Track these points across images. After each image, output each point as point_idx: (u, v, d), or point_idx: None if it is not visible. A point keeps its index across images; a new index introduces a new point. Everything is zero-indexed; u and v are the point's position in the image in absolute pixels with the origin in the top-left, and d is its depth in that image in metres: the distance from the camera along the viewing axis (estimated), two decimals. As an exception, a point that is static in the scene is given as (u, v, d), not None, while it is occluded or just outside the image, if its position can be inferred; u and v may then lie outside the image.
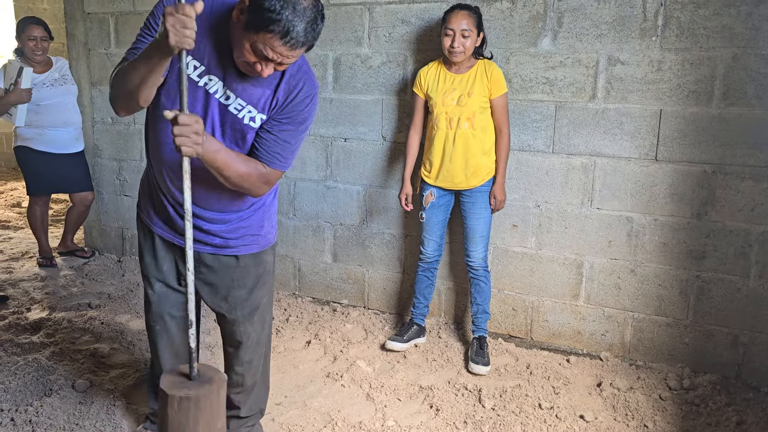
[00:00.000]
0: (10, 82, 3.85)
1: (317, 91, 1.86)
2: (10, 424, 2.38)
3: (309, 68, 1.86)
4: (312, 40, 1.64)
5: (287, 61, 1.65)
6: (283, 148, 1.83)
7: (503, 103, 2.92)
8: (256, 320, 2.11)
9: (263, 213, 2.03)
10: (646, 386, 2.81)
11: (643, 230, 2.93)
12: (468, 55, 2.87)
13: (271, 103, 1.79)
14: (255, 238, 2.02)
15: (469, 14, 2.83)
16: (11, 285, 3.87)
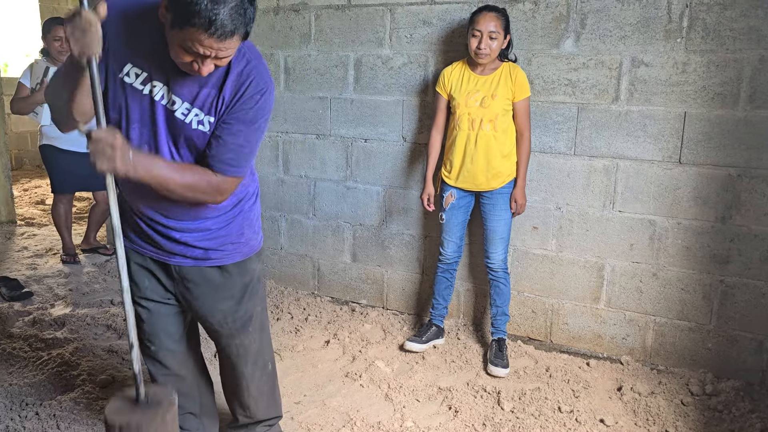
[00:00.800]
0: (36, 82, 3.92)
1: (270, 87, 1.70)
2: (35, 417, 2.42)
3: (260, 63, 1.70)
4: (242, 26, 1.49)
5: (223, 53, 1.51)
6: (235, 153, 1.68)
7: (526, 107, 2.91)
8: (251, 331, 2.00)
9: (242, 220, 1.90)
10: (668, 391, 2.78)
11: (666, 234, 2.90)
12: (494, 57, 2.86)
13: (218, 103, 1.65)
14: (236, 246, 1.90)
15: (497, 16, 2.81)
16: (36, 281, 3.94)
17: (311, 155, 3.69)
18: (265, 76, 1.69)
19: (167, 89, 1.64)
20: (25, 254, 4.50)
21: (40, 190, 6.62)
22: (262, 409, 2.16)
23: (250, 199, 1.93)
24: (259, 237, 2.00)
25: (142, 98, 1.65)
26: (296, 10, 3.56)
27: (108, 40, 1.58)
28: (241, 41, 1.53)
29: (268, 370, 2.12)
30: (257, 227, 1.99)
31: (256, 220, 1.98)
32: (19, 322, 3.31)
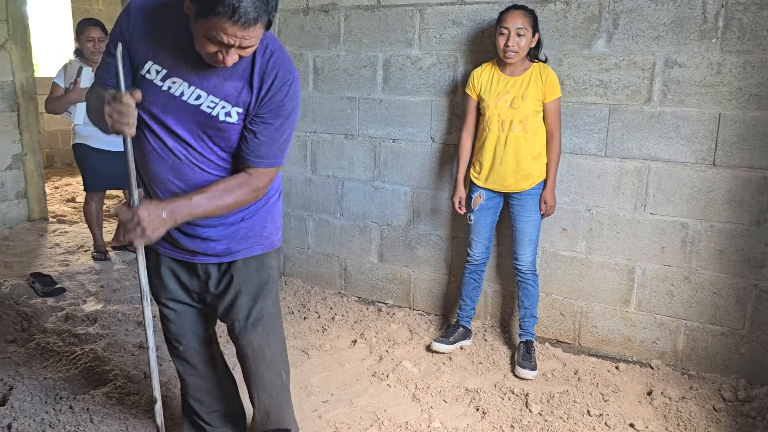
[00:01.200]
0: (70, 82, 3.99)
1: (296, 77, 1.73)
2: (68, 411, 2.46)
3: (283, 54, 1.72)
4: (265, 14, 1.51)
5: (246, 42, 1.53)
6: (269, 146, 1.73)
7: (556, 108, 2.88)
8: (260, 332, 1.96)
9: (266, 213, 1.92)
10: (699, 396, 2.74)
11: (699, 237, 2.86)
12: (522, 56, 2.84)
13: (249, 94, 1.68)
14: (257, 240, 1.91)
15: (524, 14, 2.81)
16: (68, 277, 4.01)
17: (339, 155, 3.71)
18: (290, 66, 1.71)
19: (188, 84, 1.67)
20: (57, 251, 4.58)
21: (71, 187, 6.73)
22: (274, 416, 2.09)
23: (274, 195, 1.96)
24: (279, 233, 2.01)
25: (162, 94, 1.68)
26: (325, 10, 3.58)
27: (130, 38, 1.67)
28: (264, 30, 1.56)
29: (282, 378, 2.06)
30: (279, 223, 2.00)
31: (278, 216, 1.99)
32: (53, 317, 3.38)
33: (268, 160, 1.74)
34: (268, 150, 1.73)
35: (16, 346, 2.99)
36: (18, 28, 4.99)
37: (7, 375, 2.69)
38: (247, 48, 1.57)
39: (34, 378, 2.68)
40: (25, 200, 5.22)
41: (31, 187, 5.23)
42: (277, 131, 1.72)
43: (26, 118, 5.11)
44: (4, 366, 2.78)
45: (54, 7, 9.66)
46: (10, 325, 3.21)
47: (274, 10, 1.55)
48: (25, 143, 5.14)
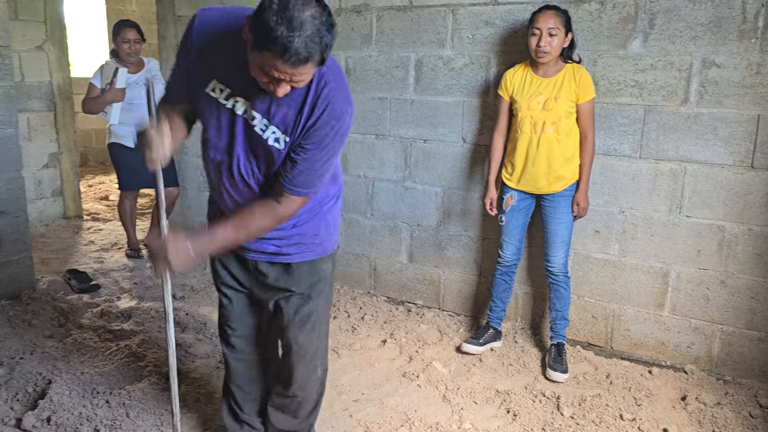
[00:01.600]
0: (106, 83, 4.06)
1: (347, 111, 1.71)
2: (105, 405, 2.51)
3: (339, 85, 1.71)
4: (317, 54, 1.50)
5: (297, 78, 1.53)
6: (306, 176, 1.74)
7: (590, 109, 2.85)
8: (307, 329, 2.01)
9: (319, 221, 1.95)
10: (735, 402, 2.70)
11: (736, 240, 2.81)
12: (555, 56, 2.82)
13: (295, 122, 1.69)
14: (309, 246, 1.95)
15: (556, 14, 2.79)
16: (102, 274, 4.09)
17: (370, 155, 3.72)
18: (342, 100, 1.70)
19: (248, 104, 1.71)
20: (91, 248, 4.67)
21: (104, 186, 6.86)
22: (304, 414, 2.15)
23: (329, 202, 1.97)
24: (333, 239, 2.03)
25: (225, 111, 1.74)
26: (358, 11, 3.60)
27: (196, 57, 1.73)
28: (317, 66, 1.56)
29: (318, 374, 2.11)
30: (333, 229, 2.02)
31: (333, 222, 2.01)
32: (88, 313, 3.45)
33: (303, 189, 1.76)
34: (304, 180, 1.74)
35: (54, 341, 3.06)
36: (55, 30, 5.10)
37: (46, 369, 2.75)
38: (299, 82, 1.58)
39: (71, 372, 2.73)
40: (60, 198, 5.34)
41: (66, 185, 5.34)
42: (317, 163, 1.73)
43: (62, 118, 5.22)
44: (43, 360, 2.85)
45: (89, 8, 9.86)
46: (47, 321, 3.28)
47: (327, 48, 1.53)
48: (62, 142, 5.25)
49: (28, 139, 5.00)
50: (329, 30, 1.52)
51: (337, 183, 2.01)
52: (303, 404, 2.13)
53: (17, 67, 4.86)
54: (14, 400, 2.54)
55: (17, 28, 4.84)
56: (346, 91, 1.74)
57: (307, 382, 2.09)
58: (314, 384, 2.11)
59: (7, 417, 2.42)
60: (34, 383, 2.65)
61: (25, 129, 4.98)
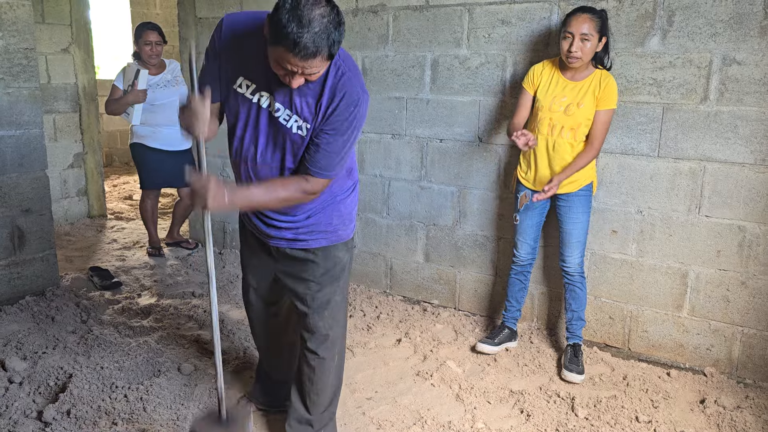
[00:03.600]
0: (128, 84, 4.14)
1: (363, 98, 1.84)
2: (123, 399, 2.56)
3: (354, 75, 1.85)
4: (325, 48, 1.64)
5: (309, 71, 1.68)
6: (327, 159, 1.88)
7: (606, 119, 2.76)
8: (326, 315, 2.14)
9: (332, 210, 2.09)
10: (756, 406, 2.65)
11: (757, 240, 2.76)
12: (586, 61, 2.74)
13: (315, 111, 1.84)
14: (324, 234, 2.09)
15: (591, 17, 2.68)
16: (124, 272, 4.16)
17: (386, 155, 3.73)
18: (357, 88, 1.84)
19: (272, 98, 1.87)
20: (114, 246, 4.76)
21: (128, 186, 6.97)
22: (322, 402, 2.25)
23: (344, 194, 2.11)
24: (349, 228, 2.16)
25: (251, 105, 1.90)
26: (374, 11, 3.61)
27: (223, 56, 1.89)
28: (326, 61, 1.69)
29: (335, 362, 2.22)
30: (348, 219, 2.15)
31: (347, 213, 2.14)
32: (110, 309, 3.51)
33: (325, 171, 1.91)
34: (326, 162, 1.89)
35: (76, 337, 3.12)
36: (81, 32, 5.21)
37: (67, 363, 2.81)
38: (312, 75, 1.72)
39: (91, 367, 2.79)
40: (85, 197, 5.44)
41: (91, 184, 5.44)
42: (338, 146, 1.87)
43: (87, 119, 5.32)
44: (65, 355, 2.91)
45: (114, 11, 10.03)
46: (70, 317, 3.35)
47: (336, 44, 1.67)
48: (86, 143, 5.36)
49: (54, 140, 5.11)
50: (337, 27, 1.65)
51: (351, 177, 2.15)
52: (321, 394, 2.23)
53: (44, 70, 4.97)
54: (36, 393, 2.60)
55: (44, 31, 4.95)
56: (361, 81, 1.87)
57: (325, 369, 2.20)
58: (331, 371, 2.22)
59: (29, 409, 2.48)
60: (56, 377, 2.70)
61: (51, 130, 5.09)
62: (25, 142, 3.52)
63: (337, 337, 2.20)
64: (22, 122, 3.49)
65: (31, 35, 3.51)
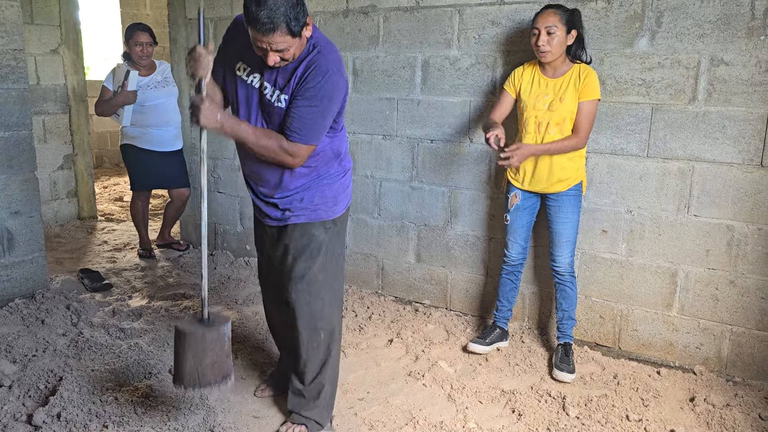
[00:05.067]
0: (118, 85, 4.12)
1: (332, 70, 2.04)
2: (114, 402, 2.55)
3: (328, 51, 2.08)
4: (282, 23, 1.90)
5: (276, 47, 1.95)
6: (299, 123, 2.07)
7: (590, 110, 2.78)
8: (300, 289, 2.29)
9: (316, 190, 2.27)
10: (745, 404, 2.67)
11: (746, 240, 2.78)
12: (557, 55, 2.80)
13: (290, 82, 2.07)
14: (304, 212, 2.27)
15: (555, 11, 2.76)
16: (115, 274, 4.14)
17: (377, 155, 3.73)
18: (328, 62, 2.06)
19: (261, 78, 2.13)
20: (105, 248, 4.74)
21: (119, 187, 6.95)
22: (309, 374, 2.38)
23: (328, 178, 2.29)
24: (331, 210, 2.31)
25: (247, 87, 2.17)
26: (365, 12, 3.61)
27: (230, 46, 2.20)
28: (289, 36, 1.95)
29: (320, 336, 2.34)
30: (331, 201, 2.30)
31: (332, 196, 2.30)
32: (100, 312, 3.49)
33: (297, 135, 2.09)
34: (299, 126, 2.08)
35: (66, 339, 3.11)
36: (70, 33, 5.19)
37: (57, 366, 2.80)
38: (282, 51, 1.98)
39: (82, 370, 2.78)
40: (75, 199, 5.42)
41: (81, 186, 5.42)
42: (308, 113, 2.07)
43: (77, 120, 5.30)
44: (55, 358, 2.90)
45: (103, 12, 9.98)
46: (60, 319, 3.33)
47: (292, 20, 1.93)
48: (76, 144, 5.33)
49: (43, 141, 5.08)
50: (293, 6, 1.93)
51: (341, 165, 2.33)
52: (307, 365, 2.37)
53: (33, 71, 4.94)
54: (26, 397, 2.58)
55: (33, 32, 4.92)
56: (336, 61, 2.09)
57: (309, 342, 2.33)
58: (316, 345, 2.34)
59: (19, 413, 2.46)
60: (46, 380, 2.69)
61: (41, 131, 5.06)
62: (14, 143, 3.50)
63: (316, 311, 2.31)
64: (10, 124, 3.47)
65: (19, 36, 3.49)
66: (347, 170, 2.36)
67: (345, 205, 2.38)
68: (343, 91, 2.12)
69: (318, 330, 2.33)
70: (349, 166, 2.38)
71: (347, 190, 2.38)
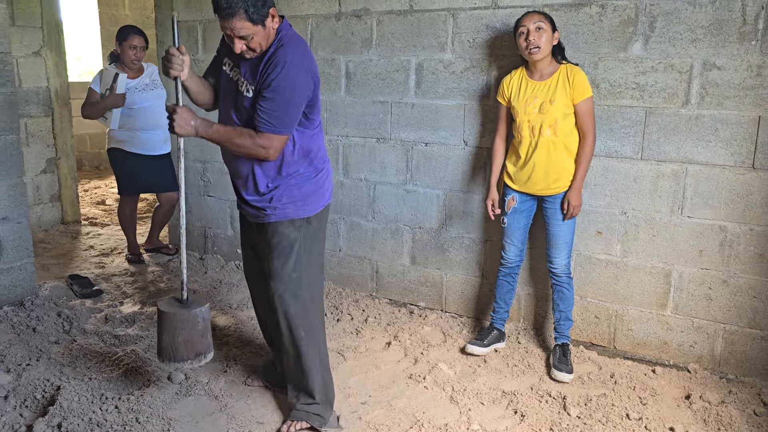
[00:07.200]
0: (106, 88, 4.06)
1: (289, 62, 2.15)
2: (114, 411, 2.51)
3: (291, 46, 2.20)
4: (241, 8, 2.05)
5: (238, 33, 2.10)
6: (266, 114, 2.18)
7: (587, 108, 2.85)
8: (276, 287, 2.38)
9: (284, 189, 2.35)
10: (739, 401, 2.73)
11: (738, 240, 2.85)
12: (547, 53, 2.84)
13: (256, 75, 2.20)
14: (273, 210, 2.35)
15: (539, 12, 2.87)
16: (104, 279, 4.08)
17: (371, 159, 3.74)
18: (287, 54, 2.17)
19: (238, 70, 2.28)
20: (91, 253, 4.66)
21: (100, 190, 6.84)
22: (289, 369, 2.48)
23: (297, 177, 2.36)
24: (301, 210, 2.38)
25: (229, 80, 2.33)
26: (358, 15, 3.61)
27: (223, 47, 2.37)
28: (249, 22, 2.08)
29: (299, 333, 2.40)
30: (301, 202, 2.37)
31: (301, 196, 2.37)
32: (92, 318, 3.44)
33: (264, 125, 2.19)
34: (266, 117, 2.18)
35: (60, 347, 3.06)
36: (52, 35, 5.09)
37: (53, 375, 2.75)
38: (245, 38, 2.12)
39: (79, 378, 2.74)
40: (58, 203, 5.32)
41: (64, 190, 5.33)
42: (270, 104, 2.17)
43: (60, 123, 5.21)
44: (50, 366, 2.85)
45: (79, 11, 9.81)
46: (52, 327, 3.28)
47: (251, 6, 2.06)
48: (59, 147, 5.24)
49: (26, 145, 4.98)
50: None
51: (311, 165, 2.39)
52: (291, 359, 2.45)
53: (15, 73, 4.83)
54: (23, 407, 2.54)
55: (14, 33, 4.82)
56: (298, 55, 2.20)
57: (289, 338, 2.42)
58: (296, 341, 2.41)
59: (17, 424, 2.42)
60: (42, 389, 2.64)
61: (23, 135, 4.96)
62: (1, 148, 3.43)
63: (291, 310, 2.38)
64: (-2, 128, 3.40)
65: (5, 39, 3.42)
66: (320, 170, 2.43)
67: (320, 204, 2.44)
68: (307, 84, 2.21)
69: (297, 327, 2.41)
70: (322, 166, 2.44)
71: (321, 190, 2.43)
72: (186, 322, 2.34)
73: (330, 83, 3.78)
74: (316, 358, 2.45)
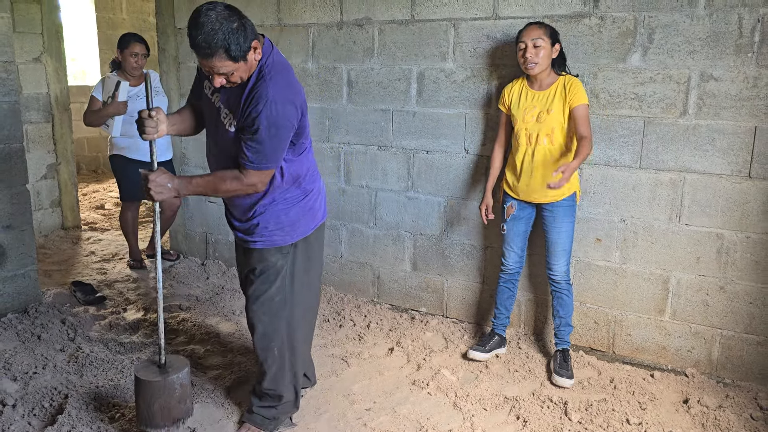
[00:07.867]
0: (108, 95, 4.08)
1: (277, 97, 2.06)
2: (123, 419, 2.54)
3: (274, 80, 2.09)
4: (221, 48, 1.94)
5: (218, 70, 2.00)
6: (251, 151, 2.11)
7: (583, 114, 2.84)
8: (255, 309, 2.40)
9: (269, 216, 2.32)
10: (736, 405, 2.79)
11: (734, 247, 2.90)
12: (544, 67, 2.89)
13: (238, 108, 2.13)
14: (260, 237, 2.34)
15: (538, 26, 2.90)
16: (107, 286, 4.10)
17: (372, 166, 3.78)
18: (268, 90, 2.07)
19: (219, 98, 2.21)
20: (93, 259, 4.68)
21: (98, 194, 6.85)
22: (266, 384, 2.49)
23: (284, 203, 2.33)
24: (288, 236, 2.36)
25: (212, 105, 2.25)
26: (360, 24, 3.65)
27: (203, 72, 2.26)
28: (230, 61, 1.99)
29: (274, 353, 2.44)
30: (288, 227, 2.35)
31: (288, 222, 2.35)
32: (96, 326, 3.47)
33: (251, 163, 2.14)
34: (252, 155, 2.12)
35: (65, 355, 3.08)
36: (52, 41, 5.11)
37: (60, 383, 2.78)
38: (226, 74, 2.03)
39: (86, 387, 2.76)
40: (59, 209, 5.34)
41: (64, 195, 5.34)
42: (256, 141, 2.10)
43: (60, 129, 5.22)
44: (56, 374, 2.87)
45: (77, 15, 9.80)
46: (57, 334, 3.30)
47: (232, 44, 1.95)
48: (59, 153, 5.25)
49: (27, 151, 4.98)
50: (233, 31, 1.95)
51: (300, 188, 2.36)
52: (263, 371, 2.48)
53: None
54: (31, 416, 2.56)
55: (15, 40, 4.82)
56: (282, 87, 2.10)
57: (264, 354, 2.44)
58: (270, 361, 2.44)
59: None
60: (50, 398, 2.67)
61: (24, 141, 4.96)
62: (6, 156, 3.45)
63: (270, 327, 2.41)
64: (2, 137, 3.42)
65: (10, 48, 3.44)
66: (309, 191, 2.39)
67: (310, 227, 2.42)
68: (293, 116, 2.12)
69: (272, 347, 2.43)
70: (311, 186, 2.40)
71: (312, 212, 2.40)
72: (162, 389, 2.26)
73: (332, 91, 3.82)
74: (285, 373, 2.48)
